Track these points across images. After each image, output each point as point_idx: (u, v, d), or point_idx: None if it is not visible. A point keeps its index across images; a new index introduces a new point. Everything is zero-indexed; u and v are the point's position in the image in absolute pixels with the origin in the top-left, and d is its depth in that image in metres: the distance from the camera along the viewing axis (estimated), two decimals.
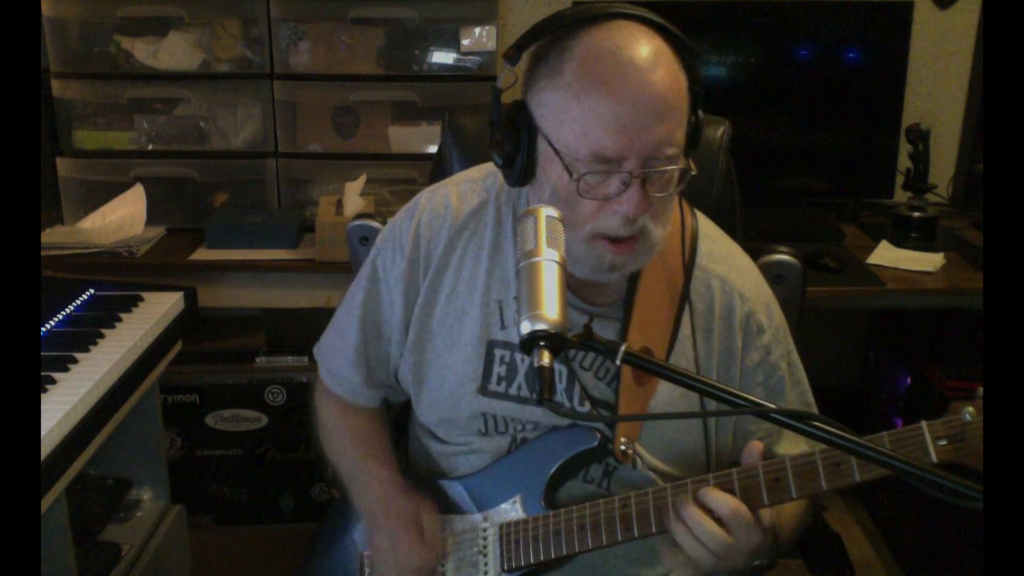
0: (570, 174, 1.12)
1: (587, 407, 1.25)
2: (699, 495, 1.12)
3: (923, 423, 1.05)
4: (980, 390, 1.03)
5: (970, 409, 1.02)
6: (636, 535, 1.17)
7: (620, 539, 1.18)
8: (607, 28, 1.13)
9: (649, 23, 1.14)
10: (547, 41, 1.16)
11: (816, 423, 0.91)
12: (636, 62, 1.10)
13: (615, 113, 1.09)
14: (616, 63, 1.10)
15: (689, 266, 1.28)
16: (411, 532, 1.26)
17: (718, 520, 1.10)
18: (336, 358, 1.41)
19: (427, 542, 1.26)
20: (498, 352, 1.28)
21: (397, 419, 1.49)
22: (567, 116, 1.12)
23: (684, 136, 1.14)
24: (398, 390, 1.41)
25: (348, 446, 1.40)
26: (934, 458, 1.03)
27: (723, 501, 1.10)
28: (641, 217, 1.13)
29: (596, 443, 1.23)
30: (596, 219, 1.13)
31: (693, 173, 1.16)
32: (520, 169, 1.18)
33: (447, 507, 1.32)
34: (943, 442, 1.03)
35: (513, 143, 1.17)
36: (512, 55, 1.16)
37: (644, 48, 1.11)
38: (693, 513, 1.11)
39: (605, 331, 1.25)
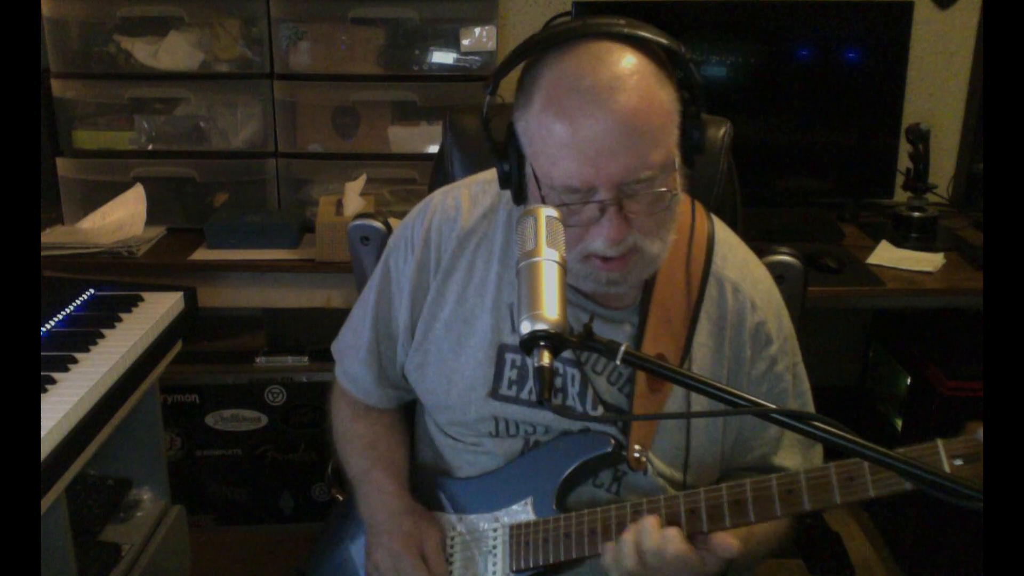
0: (544, 203, 1.13)
1: (600, 411, 1.25)
2: (643, 521, 1.13)
3: (939, 440, 1.04)
4: None
5: None
6: None
7: None
8: (574, 52, 1.11)
9: (621, 38, 1.11)
10: (525, 65, 1.16)
11: (816, 423, 0.92)
12: (597, 89, 1.08)
13: (579, 145, 1.08)
14: (577, 92, 1.09)
15: (704, 273, 1.27)
16: (414, 554, 1.26)
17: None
18: (350, 357, 1.41)
19: (430, 566, 1.26)
20: (509, 356, 1.28)
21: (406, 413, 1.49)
22: (539, 147, 1.12)
23: (665, 153, 1.11)
24: (409, 390, 1.41)
25: (358, 453, 1.39)
26: None
27: (673, 540, 1.10)
28: (628, 237, 1.12)
29: (610, 449, 1.23)
30: (584, 240, 1.13)
31: (674, 193, 1.13)
32: (515, 189, 1.20)
33: (457, 506, 1.32)
34: (958, 461, 1.02)
35: (508, 163, 1.18)
36: (490, 85, 1.18)
37: (607, 71, 1.09)
38: (646, 526, 1.12)
39: (620, 336, 1.25)
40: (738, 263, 1.31)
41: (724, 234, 1.33)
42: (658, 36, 1.12)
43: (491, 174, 1.36)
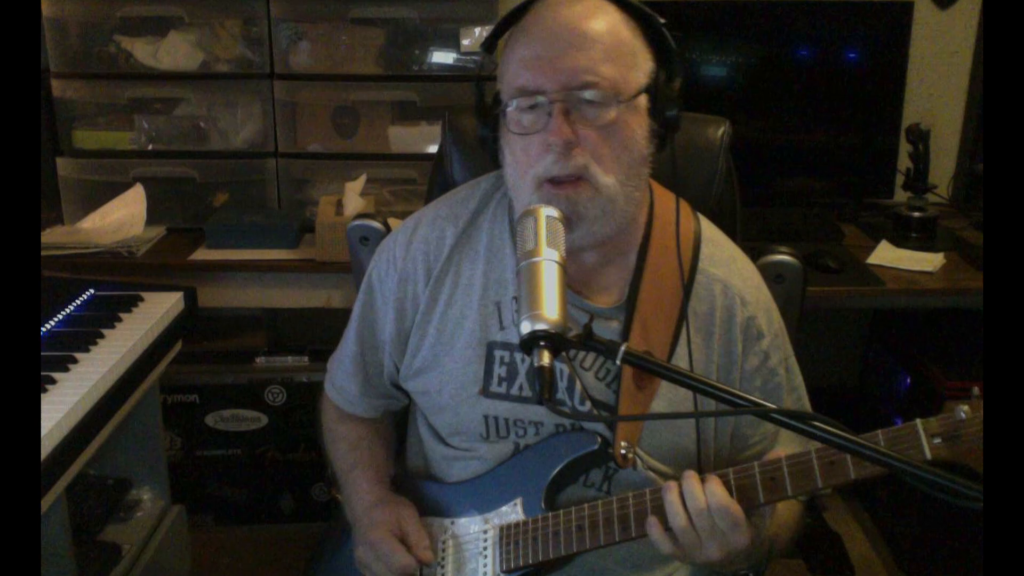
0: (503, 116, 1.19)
1: (588, 406, 1.25)
2: (704, 477, 1.11)
3: (918, 421, 1.05)
4: (976, 390, 1.03)
5: (965, 408, 1.03)
6: (634, 535, 1.17)
7: (618, 539, 1.18)
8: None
9: None
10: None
11: (814, 423, 0.92)
12: (561, 10, 1.17)
13: (533, 49, 1.16)
14: (543, 15, 1.17)
15: (691, 269, 1.28)
16: (390, 539, 1.26)
17: (709, 508, 1.09)
18: (336, 368, 1.44)
19: (411, 545, 1.26)
20: (498, 353, 1.28)
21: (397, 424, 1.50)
22: (504, 69, 1.20)
23: (618, 74, 1.14)
24: (398, 398, 1.42)
25: (342, 455, 1.41)
26: (928, 455, 1.03)
27: (717, 492, 1.09)
28: (578, 157, 1.14)
29: (597, 446, 1.23)
30: (536, 163, 1.16)
31: (629, 129, 1.17)
32: (491, 151, 1.25)
33: (448, 510, 1.32)
34: (937, 440, 1.03)
35: (487, 121, 1.24)
36: (488, 43, 1.24)
37: (578, 3, 1.17)
38: (692, 485, 1.10)
39: (607, 333, 1.25)
40: (725, 260, 1.31)
41: (711, 232, 1.34)
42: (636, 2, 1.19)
43: (469, 183, 1.40)
